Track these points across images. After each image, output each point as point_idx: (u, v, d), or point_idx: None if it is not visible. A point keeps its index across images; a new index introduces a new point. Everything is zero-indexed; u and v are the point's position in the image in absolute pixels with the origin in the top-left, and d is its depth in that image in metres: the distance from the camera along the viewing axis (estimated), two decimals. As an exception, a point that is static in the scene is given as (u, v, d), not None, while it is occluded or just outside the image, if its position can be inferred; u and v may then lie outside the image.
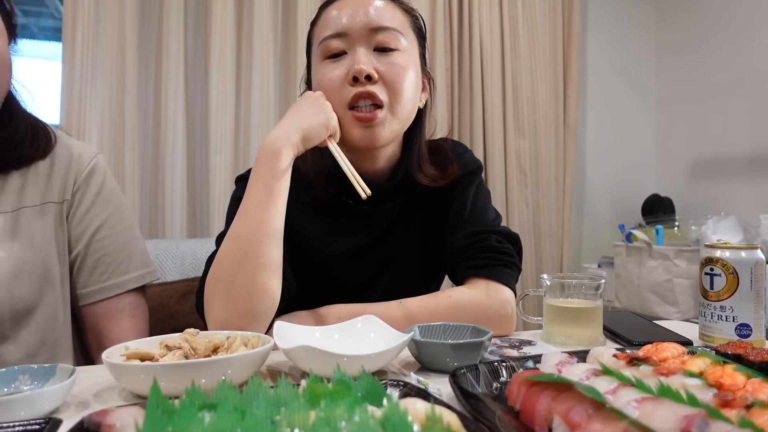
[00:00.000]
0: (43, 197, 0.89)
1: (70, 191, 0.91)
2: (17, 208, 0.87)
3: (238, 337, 0.68)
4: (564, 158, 2.81)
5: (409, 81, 0.90)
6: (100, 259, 0.92)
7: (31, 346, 0.85)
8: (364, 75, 0.86)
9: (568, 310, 0.84)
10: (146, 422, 0.41)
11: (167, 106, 2.16)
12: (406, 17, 0.95)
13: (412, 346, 0.71)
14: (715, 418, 0.39)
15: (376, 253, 0.99)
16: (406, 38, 0.92)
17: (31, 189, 0.88)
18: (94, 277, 0.92)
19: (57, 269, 0.89)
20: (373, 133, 0.89)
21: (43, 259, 0.87)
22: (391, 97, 0.89)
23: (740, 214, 2.20)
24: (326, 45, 0.90)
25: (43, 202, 0.89)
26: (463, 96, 2.63)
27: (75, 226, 0.92)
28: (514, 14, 2.70)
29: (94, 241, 0.92)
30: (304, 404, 0.44)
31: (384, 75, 0.88)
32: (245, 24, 2.27)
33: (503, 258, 0.92)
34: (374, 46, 0.89)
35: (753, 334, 0.79)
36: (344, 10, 0.90)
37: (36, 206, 0.88)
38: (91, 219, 0.92)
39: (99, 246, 0.92)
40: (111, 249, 0.93)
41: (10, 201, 0.87)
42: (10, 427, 0.47)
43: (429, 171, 0.98)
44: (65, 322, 0.90)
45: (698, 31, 2.83)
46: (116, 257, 0.93)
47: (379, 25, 0.89)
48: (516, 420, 0.49)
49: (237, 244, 0.79)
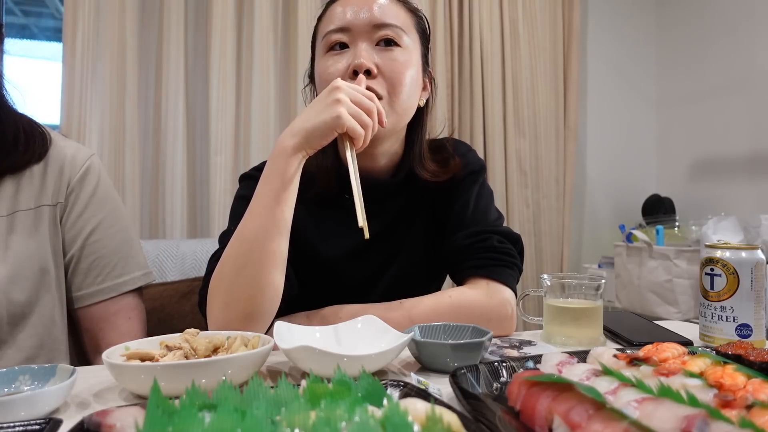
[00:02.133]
0: (38, 200, 0.88)
1: (64, 194, 0.90)
2: (12, 212, 0.86)
3: (238, 338, 0.68)
4: (564, 158, 2.81)
5: (408, 77, 0.91)
6: (94, 261, 0.91)
7: (29, 350, 0.85)
8: (364, 69, 0.87)
9: (568, 310, 0.84)
10: (146, 422, 0.41)
11: (167, 107, 2.16)
12: (410, 17, 0.95)
13: (413, 346, 0.71)
14: (716, 418, 0.39)
15: (377, 251, 0.99)
16: (409, 37, 0.93)
17: (26, 192, 0.88)
18: (89, 280, 0.91)
19: (53, 272, 0.88)
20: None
21: (39, 262, 0.86)
22: (390, 91, 0.89)
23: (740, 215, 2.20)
24: (329, 38, 0.91)
25: (38, 205, 0.88)
26: (463, 96, 2.63)
27: (69, 229, 0.91)
28: (514, 14, 2.70)
29: (89, 244, 0.91)
30: (305, 404, 0.44)
31: (384, 70, 0.89)
32: (245, 24, 2.27)
33: (504, 258, 0.92)
34: (376, 42, 0.90)
35: (753, 335, 0.79)
36: (349, 6, 0.91)
37: (31, 209, 0.88)
38: (85, 221, 0.91)
39: (94, 248, 0.91)
40: (106, 251, 0.92)
41: (4, 205, 0.86)
42: (11, 427, 0.47)
43: (430, 166, 0.98)
44: (62, 325, 0.90)
45: (698, 31, 2.83)
46: (111, 259, 0.92)
47: (382, 21, 0.90)
48: (516, 420, 0.49)
49: (243, 244, 0.79)
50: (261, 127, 2.26)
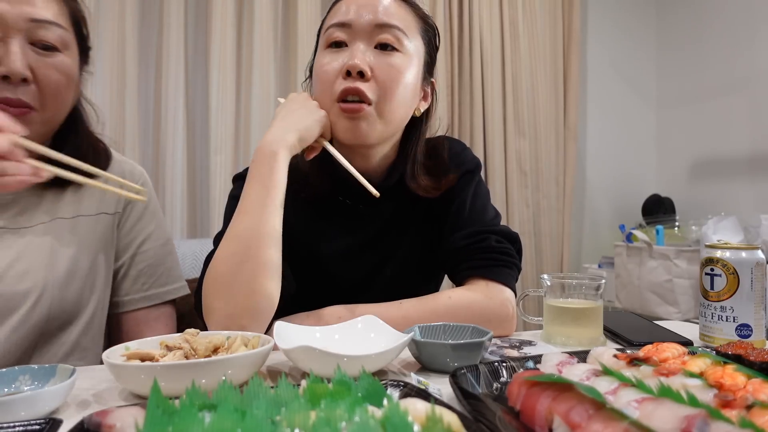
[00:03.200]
0: (98, 208, 0.95)
1: (122, 203, 0.97)
2: (75, 216, 0.92)
3: (238, 338, 0.68)
4: (564, 158, 2.81)
5: (403, 84, 0.89)
6: (143, 269, 0.98)
7: (66, 347, 0.89)
8: (357, 71, 0.86)
9: (568, 310, 0.84)
10: (146, 422, 0.41)
11: (167, 106, 2.16)
12: (418, 22, 0.93)
13: (413, 347, 0.71)
14: (716, 418, 0.39)
15: (372, 252, 0.99)
16: (411, 41, 0.91)
17: (87, 200, 0.94)
18: (136, 286, 0.97)
19: (102, 276, 0.94)
20: (357, 126, 0.87)
21: (92, 265, 0.92)
22: (380, 97, 0.87)
23: (741, 215, 2.20)
24: (330, 33, 0.90)
25: (98, 212, 0.94)
26: (463, 96, 2.63)
27: (123, 237, 0.97)
28: (514, 15, 2.70)
29: (140, 252, 0.98)
30: (305, 404, 0.44)
31: (378, 74, 0.87)
32: (245, 24, 2.27)
33: (503, 258, 0.92)
34: (375, 44, 0.89)
35: (753, 335, 0.79)
36: (354, 3, 0.90)
37: (92, 216, 0.93)
38: (138, 231, 0.98)
39: (144, 257, 0.98)
40: (153, 261, 0.99)
41: (69, 209, 0.92)
42: (11, 427, 0.47)
43: (423, 182, 0.96)
44: (99, 328, 0.94)
45: (699, 31, 2.83)
46: (158, 269, 0.99)
47: (384, 22, 0.88)
48: (516, 420, 0.49)
49: (235, 243, 0.79)
50: (261, 126, 2.26)
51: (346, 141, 0.90)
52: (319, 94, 0.91)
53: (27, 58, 0.79)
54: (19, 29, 0.79)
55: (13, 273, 0.83)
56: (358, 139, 0.89)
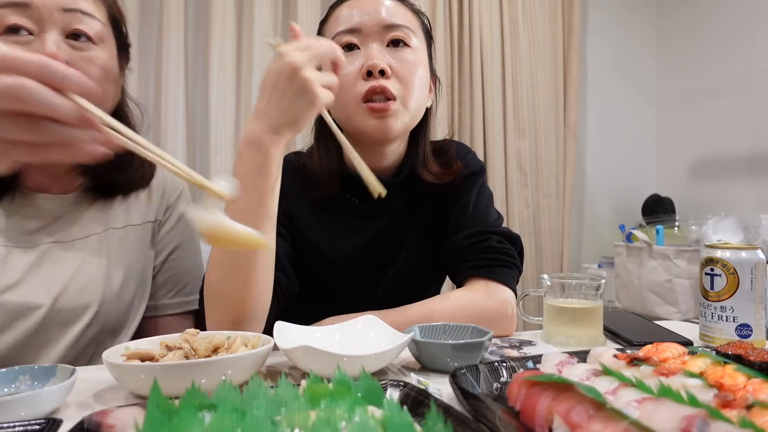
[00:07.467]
0: (144, 217, 0.96)
1: (163, 211, 0.98)
2: (124, 226, 0.93)
3: (238, 338, 0.68)
4: (564, 158, 2.81)
5: (419, 77, 0.92)
6: (170, 277, 0.98)
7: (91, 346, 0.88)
8: (378, 69, 0.87)
9: (568, 310, 0.84)
10: (146, 422, 0.41)
11: (167, 106, 2.16)
12: (416, 18, 0.96)
13: (413, 346, 0.71)
14: (716, 418, 0.39)
15: (378, 251, 0.99)
16: (417, 37, 0.94)
17: (134, 210, 0.95)
18: (161, 293, 0.97)
19: (149, 282, 0.95)
20: (386, 124, 0.89)
21: (142, 273, 0.93)
22: (403, 91, 0.90)
23: (741, 215, 2.20)
24: (339, 40, 0.91)
25: (144, 221, 0.95)
26: (463, 96, 2.63)
27: (158, 242, 0.97)
28: (514, 14, 2.70)
29: (170, 260, 0.98)
30: (305, 404, 0.44)
31: (396, 70, 0.89)
32: (245, 24, 2.27)
33: (503, 258, 0.92)
34: (387, 42, 0.91)
35: (753, 335, 0.79)
36: (357, 8, 0.91)
37: (138, 225, 0.94)
38: (170, 239, 0.98)
39: (173, 265, 0.98)
40: (181, 270, 0.98)
41: (119, 219, 0.93)
42: (10, 427, 0.47)
43: (434, 168, 0.99)
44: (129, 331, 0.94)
45: (699, 31, 2.83)
46: (184, 278, 0.98)
47: (392, 22, 0.90)
48: (516, 420, 0.49)
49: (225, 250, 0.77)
50: (261, 127, 2.25)
51: (374, 137, 0.91)
52: (342, 96, 0.88)
53: (62, 53, 0.78)
54: (53, 21, 0.77)
55: (74, 286, 0.84)
56: (387, 134, 0.90)
